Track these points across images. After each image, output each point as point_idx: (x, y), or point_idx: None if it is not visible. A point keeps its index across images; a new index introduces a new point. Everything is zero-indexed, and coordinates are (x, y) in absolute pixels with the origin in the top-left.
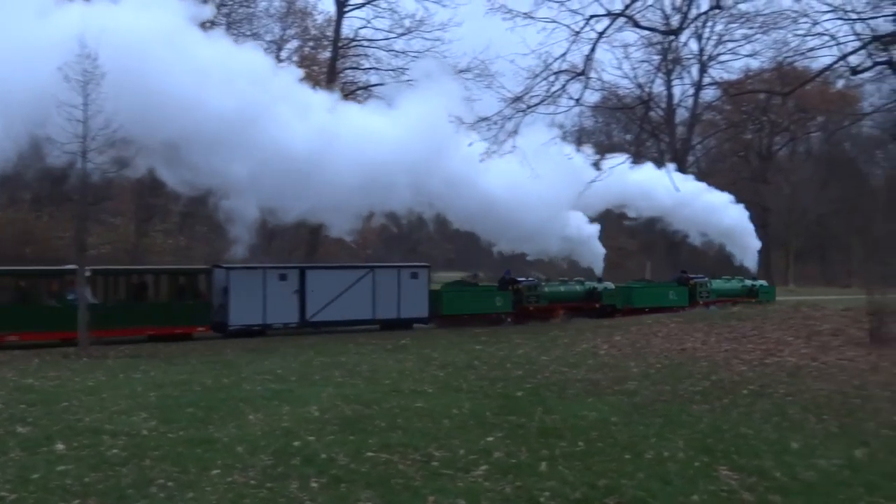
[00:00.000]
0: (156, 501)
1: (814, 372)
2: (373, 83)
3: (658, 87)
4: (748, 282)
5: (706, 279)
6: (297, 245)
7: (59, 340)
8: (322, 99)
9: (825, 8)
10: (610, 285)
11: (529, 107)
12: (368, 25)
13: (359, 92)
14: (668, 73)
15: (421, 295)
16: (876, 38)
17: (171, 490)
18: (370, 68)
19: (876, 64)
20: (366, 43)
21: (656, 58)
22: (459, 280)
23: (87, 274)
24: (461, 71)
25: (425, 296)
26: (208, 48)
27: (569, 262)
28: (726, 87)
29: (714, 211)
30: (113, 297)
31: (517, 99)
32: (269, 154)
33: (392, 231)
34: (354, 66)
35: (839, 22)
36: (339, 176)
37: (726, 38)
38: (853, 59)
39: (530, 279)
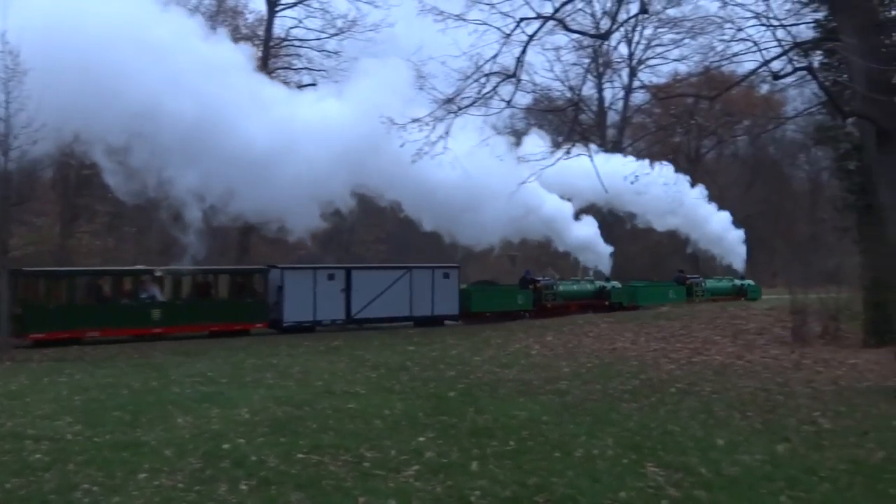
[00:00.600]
0: None
1: (739, 370)
2: (305, 83)
3: (589, 90)
4: (737, 281)
5: (701, 279)
6: (228, 247)
7: (132, 336)
8: (277, 92)
9: (749, 14)
10: (617, 284)
11: (461, 108)
12: (300, 25)
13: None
14: (599, 76)
15: (452, 293)
16: (797, 45)
17: (96, 495)
18: (302, 68)
19: (796, 69)
20: (297, 43)
21: (587, 61)
22: (484, 280)
23: (158, 274)
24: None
25: (456, 294)
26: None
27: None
28: (655, 90)
29: (704, 219)
30: (180, 296)
31: (449, 100)
32: (226, 152)
33: (326, 231)
34: (286, 66)
35: (762, 28)
36: (296, 172)
37: (655, 42)
38: (775, 65)
39: (547, 279)
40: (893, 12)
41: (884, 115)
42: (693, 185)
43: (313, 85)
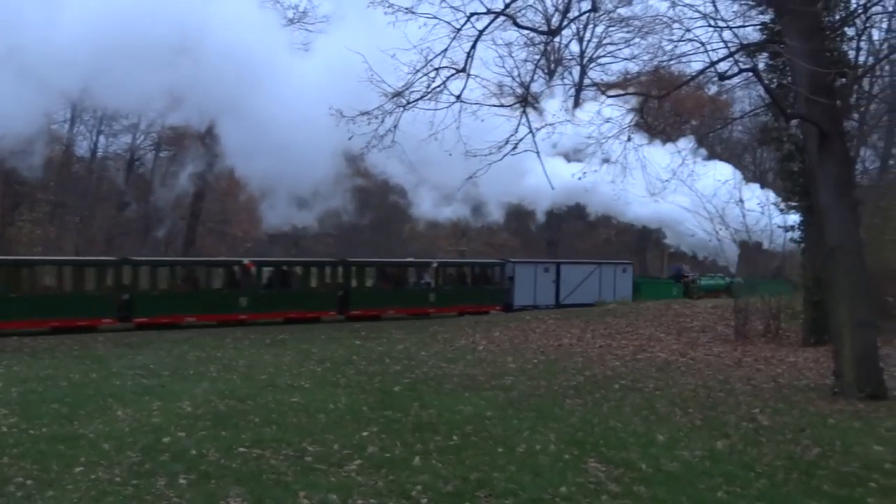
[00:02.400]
0: (13, 501)
1: (682, 367)
2: None
3: (540, 87)
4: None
5: (697, 276)
6: (174, 237)
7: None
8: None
9: (697, 15)
10: (739, 280)
11: (410, 102)
12: None
13: None
14: (550, 73)
15: (627, 285)
16: (743, 47)
17: (30, 489)
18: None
19: (742, 71)
20: None
21: (537, 57)
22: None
23: (434, 265)
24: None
25: (630, 286)
26: None
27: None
28: (605, 88)
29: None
30: (445, 282)
31: (398, 94)
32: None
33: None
34: None
35: (710, 29)
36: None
37: (606, 41)
38: (722, 66)
39: (692, 273)
40: (836, 17)
41: (824, 117)
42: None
43: None
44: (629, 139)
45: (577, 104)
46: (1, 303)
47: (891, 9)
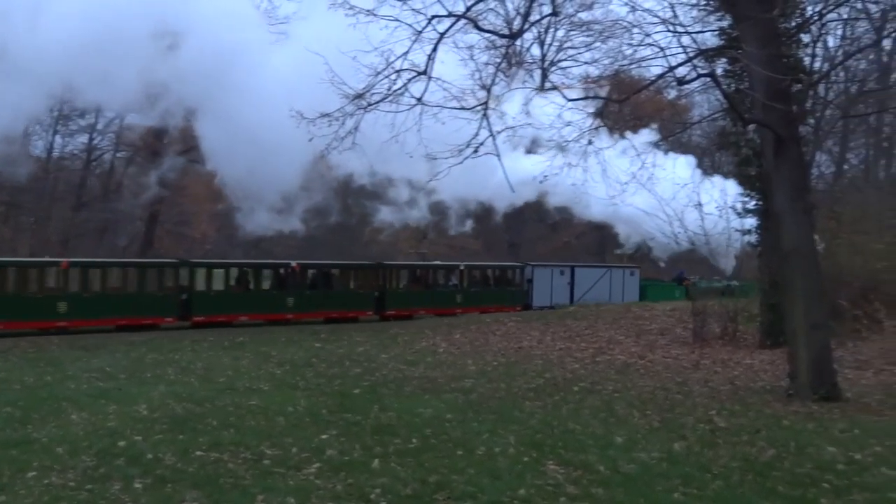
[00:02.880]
0: None
1: (641, 369)
2: None
3: (502, 90)
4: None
5: (697, 279)
6: (133, 240)
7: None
8: None
9: (656, 20)
10: (736, 283)
11: (370, 104)
12: None
13: None
14: (511, 77)
15: (634, 287)
16: (701, 52)
17: None
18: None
19: (700, 76)
20: None
21: (499, 61)
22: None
23: (462, 268)
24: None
25: (637, 288)
26: None
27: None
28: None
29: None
30: (470, 283)
31: (359, 96)
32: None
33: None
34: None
35: (669, 34)
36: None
37: (567, 45)
38: (681, 71)
39: (691, 277)
40: (792, 24)
41: (781, 123)
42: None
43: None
44: (590, 143)
45: (545, 86)
46: (76, 302)
47: (845, 16)
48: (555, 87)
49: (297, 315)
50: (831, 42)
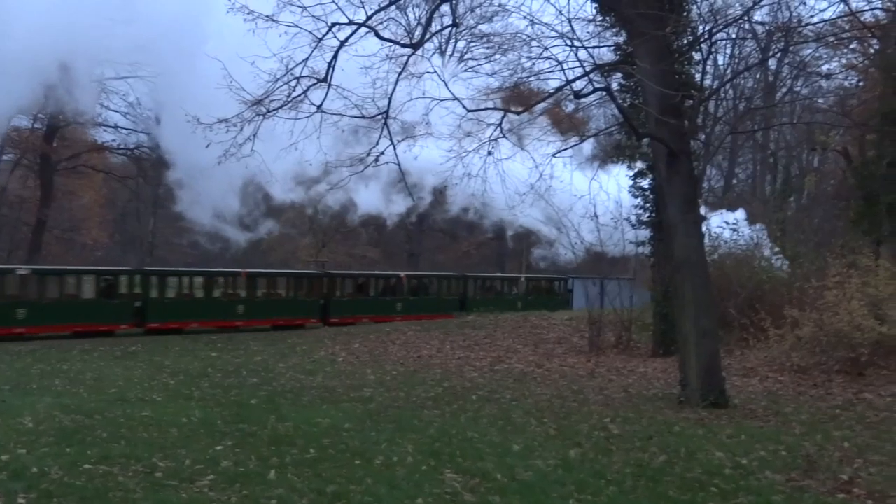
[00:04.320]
0: None
1: (538, 378)
2: (107, 77)
3: (403, 99)
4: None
5: None
6: (16, 246)
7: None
8: None
9: (554, 35)
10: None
11: (269, 111)
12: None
13: None
14: (412, 86)
15: (646, 296)
16: (597, 67)
17: None
18: (104, 61)
19: (596, 90)
20: None
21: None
22: None
23: (523, 279)
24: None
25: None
26: None
27: None
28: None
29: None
30: (528, 292)
31: (257, 102)
32: None
33: (127, 233)
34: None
35: (566, 48)
36: None
37: (468, 56)
38: (577, 85)
39: None
40: (684, 42)
41: (673, 137)
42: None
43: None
44: (489, 153)
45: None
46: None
47: (734, 36)
48: (455, 98)
49: (404, 317)
50: (721, 60)
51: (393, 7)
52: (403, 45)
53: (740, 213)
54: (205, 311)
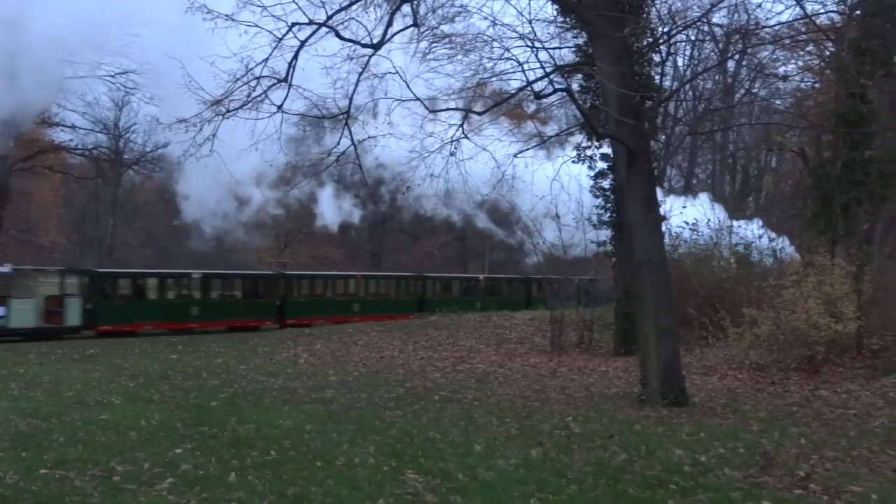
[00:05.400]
0: None
1: (500, 378)
2: (66, 76)
3: (365, 99)
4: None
5: None
6: None
7: None
8: None
9: (515, 35)
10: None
11: (229, 111)
12: None
13: None
14: (374, 86)
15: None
16: (558, 68)
17: None
18: (63, 60)
19: (556, 90)
20: None
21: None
22: None
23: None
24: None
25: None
26: None
27: None
28: (428, 103)
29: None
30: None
31: (217, 102)
32: None
33: (85, 234)
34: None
35: (527, 49)
36: None
37: (430, 56)
38: (539, 85)
39: None
40: (644, 43)
41: (632, 137)
42: None
43: (74, 78)
44: (452, 154)
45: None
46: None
47: (693, 38)
48: (417, 98)
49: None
50: (680, 62)
51: (354, 7)
52: (364, 46)
53: (704, 198)
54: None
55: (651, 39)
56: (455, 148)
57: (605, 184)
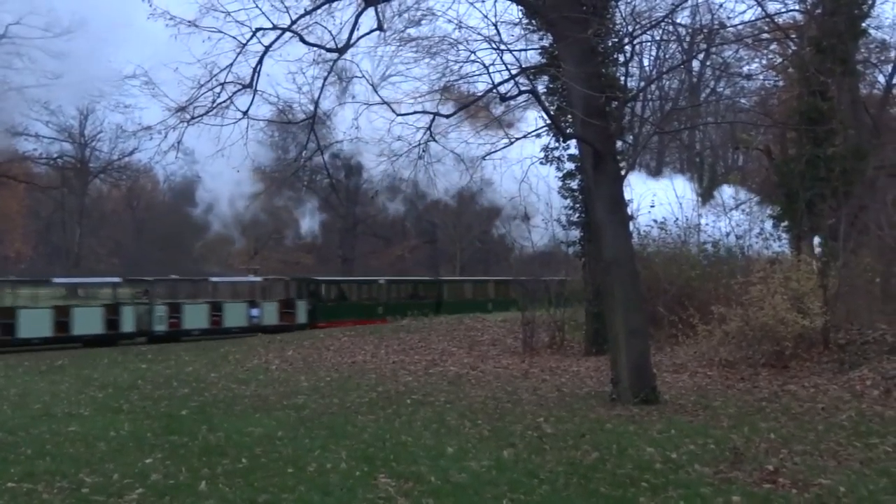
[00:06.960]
0: None
1: (472, 380)
2: (27, 85)
3: (331, 104)
4: None
5: None
6: None
7: None
8: None
9: (480, 38)
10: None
11: (194, 117)
12: (21, 22)
13: None
14: (343, 91)
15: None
16: (523, 70)
17: None
18: (24, 68)
19: (521, 92)
20: (18, 41)
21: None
22: None
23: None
24: (126, 77)
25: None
26: None
27: None
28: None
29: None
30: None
31: (181, 109)
32: None
33: (51, 244)
34: (6, 66)
35: (493, 52)
36: None
37: (397, 59)
38: (504, 87)
39: None
40: (608, 43)
41: (598, 138)
42: None
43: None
44: (420, 157)
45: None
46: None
47: (657, 38)
48: (384, 102)
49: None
50: (645, 62)
51: (318, 11)
52: (329, 50)
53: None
54: None
55: (615, 40)
56: (423, 151)
57: (574, 184)
